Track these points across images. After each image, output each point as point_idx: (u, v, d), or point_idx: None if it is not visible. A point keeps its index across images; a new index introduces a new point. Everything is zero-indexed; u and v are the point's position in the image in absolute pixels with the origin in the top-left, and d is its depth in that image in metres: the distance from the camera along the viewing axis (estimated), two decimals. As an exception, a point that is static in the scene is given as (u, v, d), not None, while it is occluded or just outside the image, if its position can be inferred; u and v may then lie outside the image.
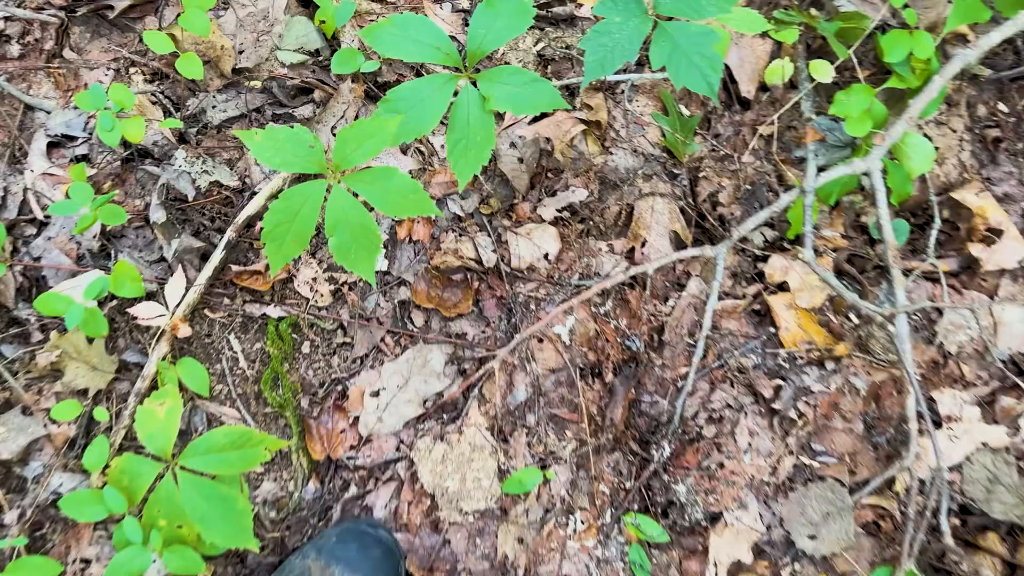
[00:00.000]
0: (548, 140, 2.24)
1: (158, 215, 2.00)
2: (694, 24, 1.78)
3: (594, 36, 1.78)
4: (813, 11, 2.19)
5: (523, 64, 2.30)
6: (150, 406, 1.76)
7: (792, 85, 2.39)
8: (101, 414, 1.85)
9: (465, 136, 1.77)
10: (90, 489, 1.80)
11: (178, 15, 2.01)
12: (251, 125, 2.19)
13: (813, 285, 2.20)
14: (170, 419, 1.74)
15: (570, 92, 2.33)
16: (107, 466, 1.82)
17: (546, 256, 2.14)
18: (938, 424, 2.11)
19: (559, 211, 2.20)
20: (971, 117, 2.39)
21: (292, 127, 1.70)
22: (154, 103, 2.16)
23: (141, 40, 2.24)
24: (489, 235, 2.15)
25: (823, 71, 2.25)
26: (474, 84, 1.77)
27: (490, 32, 1.77)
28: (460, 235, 2.15)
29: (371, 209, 1.73)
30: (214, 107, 2.19)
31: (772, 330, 2.18)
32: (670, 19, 1.80)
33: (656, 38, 1.78)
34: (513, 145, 2.21)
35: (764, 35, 2.41)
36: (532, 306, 2.11)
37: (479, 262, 2.12)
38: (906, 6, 2.23)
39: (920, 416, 2.05)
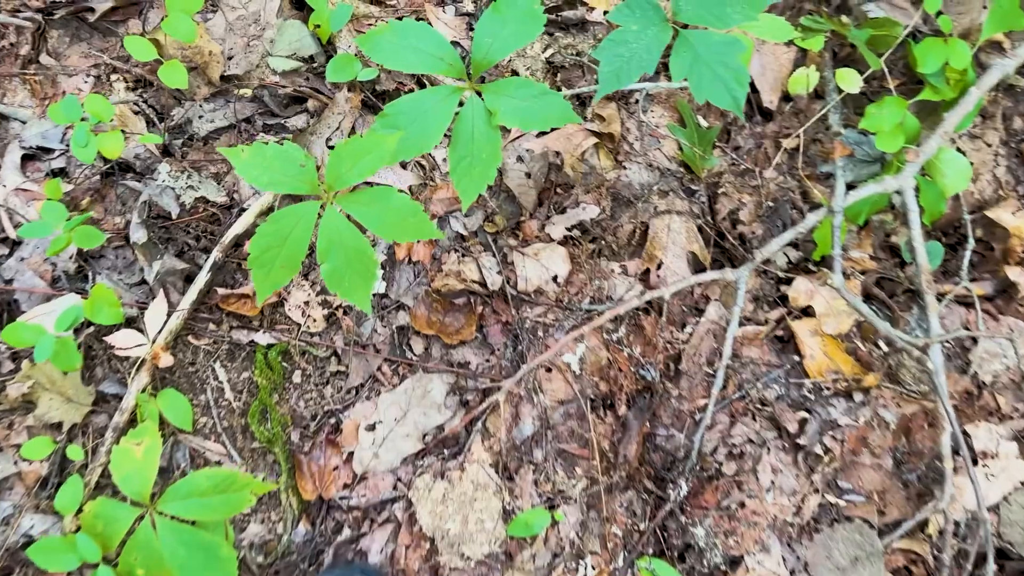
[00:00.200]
0: (557, 154, 2.09)
1: (139, 235, 1.86)
2: (717, 33, 1.64)
3: (609, 45, 1.64)
4: (843, 19, 2.04)
5: (531, 72, 2.15)
6: (127, 445, 1.62)
7: (817, 95, 2.25)
8: (75, 452, 1.71)
9: (470, 153, 1.63)
10: (62, 536, 1.67)
11: (163, 18, 1.87)
12: (240, 136, 2.05)
13: (840, 310, 2.06)
14: (148, 460, 1.61)
15: (581, 102, 2.19)
16: (81, 509, 1.69)
17: (555, 278, 2.00)
18: (973, 460, 1.98)
19: (569, 229, 2.06)
20: (1007, 130, 2.25)
21: (281, 143, 1.56)
22: (136, 113, 2.02)
23: (123, 45, 2.10)
24: (494, 255, 2.01)
25: (851, 80, 2.11)
26: (479, 96, 1.63)
27: (497, 40, 1.63)
28: (463, 255, 2.01)
29: (365, 231, 1.60)
30: (201, 117, 2.05)
31: (796, 358, 2.04)
32: (691, 27, 1.67)
33: (677, 48, 1.64)
34: (520, 159, 2.07)
35: (788, 42, 2.26)
36: (540, 332, 1.97)
37: (483, 285, 1.98)
38: (940, 13, 2.09)
39: (956, 452, 1.92)
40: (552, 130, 2.13)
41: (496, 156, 1.63)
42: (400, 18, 2.18)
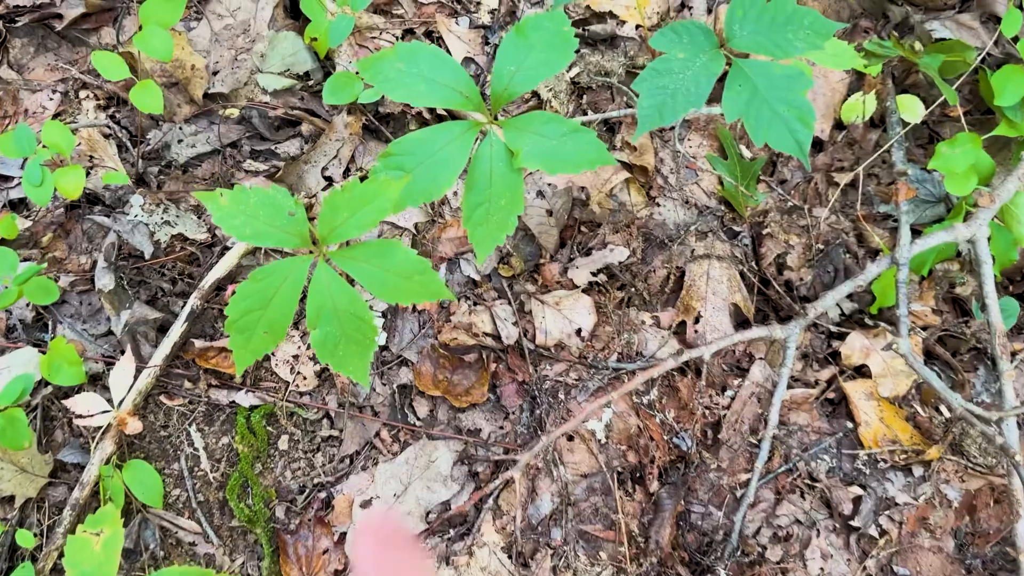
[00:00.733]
0: (583, 189, 1.86)
1: (105, 281, 1.63)
2: (779, 64, 1.40)
3: (651, 76, 1.40)
4: (916, 45, 1.80)
5: (554, 93, 1.91)
6: (85, 535, 1.40)
7: (872, 123, 2.00)
8: (26, 539, 1.47)
9: (487, 199, 1.40)
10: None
11: (137, 30, 1.63)
12: (224, 163, 1.81)
13: (898, 370, 1.82)
14: (109, 555, 1.39)
15: (609, 128, 1.95)
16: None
17: (578, 332, 1.77)
18: (1049, 547, 1.74)
19: (594, 274, 1.82)
20: (1086, 166, 2.00)
21: (273, 172, 1.33)
22: (107, 136, 1.78)
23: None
24: (509, 304, 1.78)
25: (913, 110, 1.87)
26: (499, 133, 1.40)
27: (521, 70, 1.39)
28: (475, 304, 1.77)
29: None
30: (180, 141, 1.81)
31: (849, 424, 1.81)
32: (747, 56, 1.43)
33: (731, 81, 1.40)
34: (541, 194, 1.83)
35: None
36: (560, 394, 1.74)
37: (497, 338, 1.75)
38: (1017, 38, 1.84)
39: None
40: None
41: (517, 203, 1.39)
42: (409, 31, 1.94)
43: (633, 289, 1.83)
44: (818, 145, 1.98)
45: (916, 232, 1.89)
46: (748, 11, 1.42)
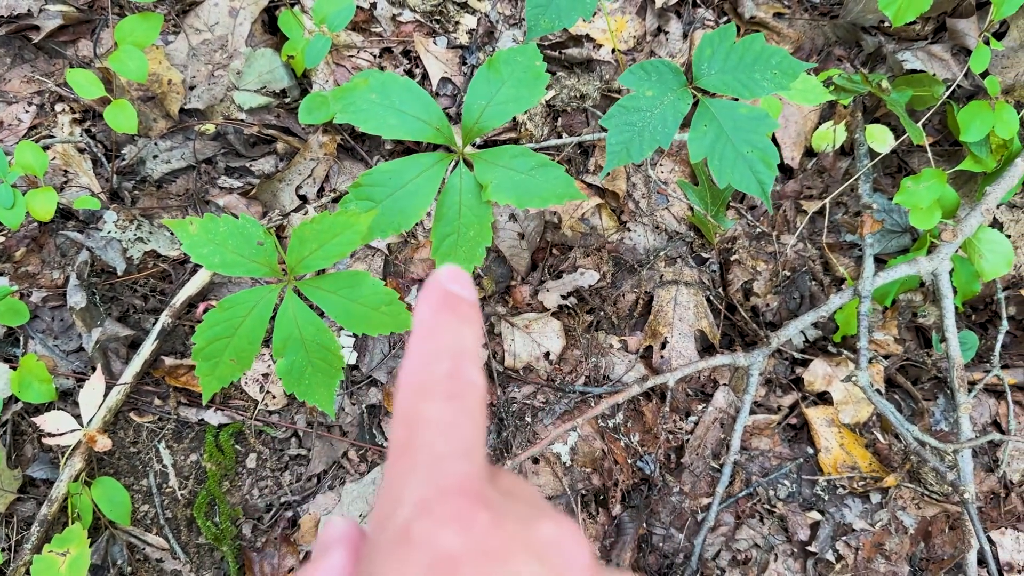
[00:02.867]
0: (555, 212, 1.88)
1: (77, 298, 1.64)
2: (744, 105, 1.43)
3: (619, 113, 1.43)
4: (884, 83, 1.82)
5: (529, 116, 1.93)
6: (51, 555, 1.42)
7: (843, 151, 2.03)
8: (-9, 555, 1.49)
9: (455, 230, 1.43)
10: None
11: (111, 49, 1.64)
12: (200, 179, 1.82)
13: (859, 398, 1.86)
14: (74, 574, 1.40)
15: (583, 151, 1.97)
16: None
17: (547, 355, 1.79)
18: (999, 574, 1.79)
19: (564, 297, 1.84)
20: (1049, 199, 2.04)
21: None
22: (82, 151, 1.78)
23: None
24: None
25: (882, 139, 1.90)
26: (467, 164, 1.42)
27: (492, 105, 1.41)
28: (445, 325, 1.79)
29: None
30: (156, 157, 1.81)
31: (810, 450, 1.85)
32: (714, 95, 1.45)
33: (697, 120, 1.43)
34: (514, 217, 1.85)
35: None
36: (527, 417, 1.77)
37: (466, 359, 1.77)
38: (986, 73, 1.88)
39: (980, 563, 1.74)
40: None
41: (485, 235, 1.42)
42: (387, 50, 1.95)
43: (602, 313, 1.86)
44: (788, 172, 2.01)
45: (882, 261, 1.93)
46: (716, 50, 1.44)
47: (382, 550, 0.33)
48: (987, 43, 1.76)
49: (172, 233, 1.78)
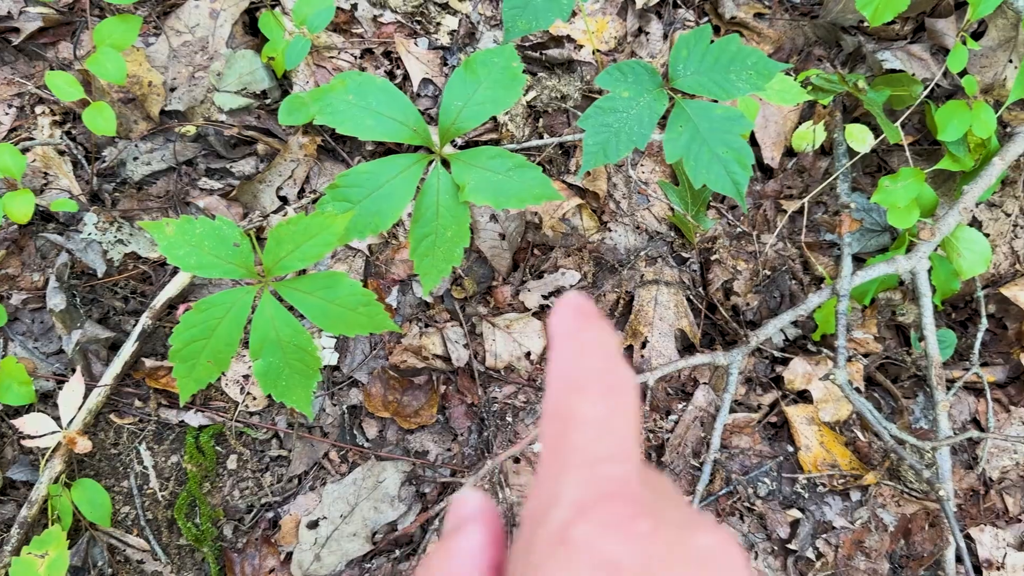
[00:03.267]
0: (536, 213, 1.88)
1: (56, 301, 1.64)
2: (719, 106, 1.43)
3: (596, 113, 1.44)
4: (860, 83, 1.83)
5: (510, 116, 1.93)
6: (30, 557, 1.42)
7: (823, 150, 2.04)
8: (-30, 559, 1.49)
9: (433, 231, 1.43)
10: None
11: (90, 51, 1.64)
12: (180, 181, 1.82)
13: (839, 396, 1.87)
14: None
15: (564, 151, 1.97)
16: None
17: (528, 355, 1.80)
18: (977, 571, 1.81)
19: (545, 297, 1.85)
20: (1028, 198, 2.06)
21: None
22: (62, 153, 1.78)
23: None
24: (461, 326, 1.80)
25: (861, 139, 1.91)
26: (446, 165, 1.42)
27: (468, 106, 1.41)
28: (426, 326, 1.80)
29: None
30: (136, 159, 1.81)
31: (790, 448, 1.86)
32: (691, 96, 1.46)
33: (672, 121, 1.44)
34: (494, 218, 1.86)
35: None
36: (508, 416, 1.77)
37: (447, 360, 1.78)
38: (964, 72, 1.89)
39: (958, 560, 1.75)
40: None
41: (463, 235, 1.43)
42: (368, 51, 1.95)
43: (583, 313, 1.86)
44: (768, 172, 2.02)
45: (861, 260, 1.94)
46: (692, 51, 1.45)
47: (540, 548, 0.34)
48: (964, 43, 1.77)
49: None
